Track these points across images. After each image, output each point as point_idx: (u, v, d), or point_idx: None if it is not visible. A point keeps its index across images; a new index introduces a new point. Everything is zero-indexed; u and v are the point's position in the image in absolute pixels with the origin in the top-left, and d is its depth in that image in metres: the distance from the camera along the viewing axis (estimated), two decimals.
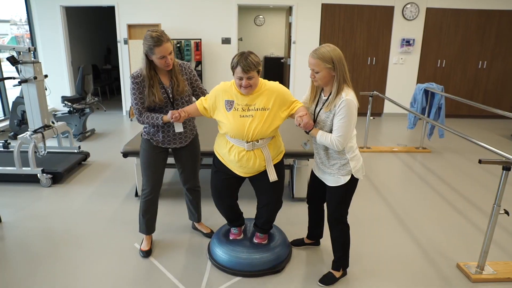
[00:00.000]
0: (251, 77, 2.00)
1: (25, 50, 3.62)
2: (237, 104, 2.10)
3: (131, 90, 2.26)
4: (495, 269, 2.41)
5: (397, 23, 6.85)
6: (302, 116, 2.00)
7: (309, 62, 1.99)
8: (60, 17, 6.61)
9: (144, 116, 2.29)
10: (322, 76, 1.96)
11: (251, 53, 2.02)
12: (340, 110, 1.93)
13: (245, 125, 2.07)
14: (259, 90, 2.10)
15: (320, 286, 2.25)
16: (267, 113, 2.08)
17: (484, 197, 3.63)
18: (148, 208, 2.50)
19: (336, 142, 1.96)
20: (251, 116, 2.08)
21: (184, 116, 2.21)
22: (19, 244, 2.65)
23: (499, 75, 7.14)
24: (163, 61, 2.18)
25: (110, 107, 7.79)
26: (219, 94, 2.15)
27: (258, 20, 11.28)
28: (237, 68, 1.99)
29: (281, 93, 2.13)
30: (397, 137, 5.78)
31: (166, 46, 2.14)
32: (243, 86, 2.02)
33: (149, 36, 2.13)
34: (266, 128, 2.09)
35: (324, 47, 1.95)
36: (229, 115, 2.10)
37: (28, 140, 3.66)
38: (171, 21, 6.72)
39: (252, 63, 1.97)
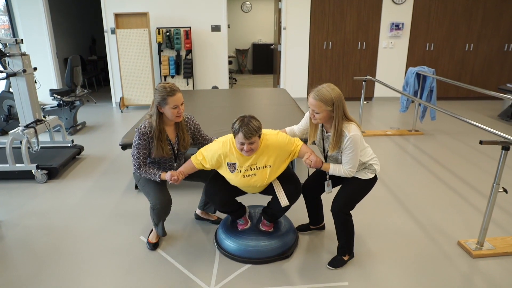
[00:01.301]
0: (252, 142, 2.04)
1: (12, 42, 3.50)
2: (240, 167, 2.18)
3: (136, 144, 2.26)
4: (494, 245, 2.50)
5: (386, 8, 6.86)
6: (309, 157, 2.11)
7: (309, 103, 2.04)
8: (42, 7, 6.38)
9: (143, 171, 2.31)
10: (322, 117, 2.04)
11: (252, 118, 2.05)
12: (347, 147, 2.02)
13: (249, 182, 2.21)
14: (260, 149, 2.15)
15: (330, 268, 2.30)
16: (269, 170, 2.18)
17: (478, 176, 3.73)
18: (163, 217, 2.43)
19: (348, 172, 2.10)
20: (254, 175, 2.19)
21: (182, 178, 2.28)
22: (21, 243, 2.61)
23: (485, 57, 7.26)
24: (176, 111, 2.21)
25: (98, 98, 7.63)
26: (221, 157, 2.19)
27: (245, 7, 11.14)
28: (239, 134, 2.02)
29: (281, 147, 2.17)
30: (389, 121, 5.85)
31: (179, 96, 2.21)
32: (245, 150, 2.07)
33: (162, 87, 2.19)
34: (270, 180, 2.23)
35: (325, 88, 2.00)
36: (232, 176, 2.21)
37: (20, 135, 3.57)
38: (160, 9, 6.57)
39: (253, 129, 2.00)
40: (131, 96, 6.55)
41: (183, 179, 2.33)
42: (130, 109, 6.76)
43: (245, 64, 11.73)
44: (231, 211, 2.43)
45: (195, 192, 3.35)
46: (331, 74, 7.21)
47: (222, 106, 4.30)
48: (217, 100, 4.68)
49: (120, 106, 6.55)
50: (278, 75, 7.52)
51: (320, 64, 7.15)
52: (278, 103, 4.44)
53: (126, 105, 6.63)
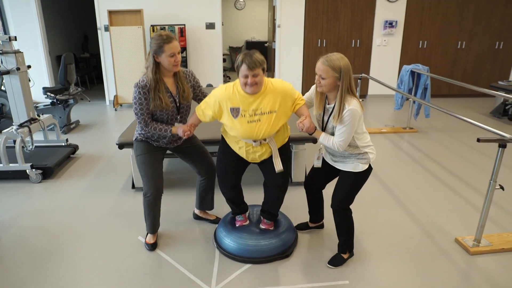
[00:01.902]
0: (256, 74, 1.98)
1: (6, 39, 3.44)
2: (244, 111, 2.08)
3: (137, 100, 2.19)
4: (491, 241, 2.54)
5: (380, 5, 6.89)
6: (303, 121, 2.05)
7: (317, 67, 2.01)
8: (34, 4, 6.28)
9: (151, 127, 2.24)
10: (327, 83, 2.00)
11: (256, 51, 2.02)
12: (344, 118, 1.99)
13: (253, 129, 2.10)
14: (264, 91, 2.09)
15: (330, 267, 2.31)
16: (274, 115, 2.10)
17: (473, 173, 3.78)
18: (152, 208, 2.43)
19: (338, 145, 2.06)
20: (259, 120, 2.09)
21: (193, 131, 2.24)
22: (17, 244, 2.57)
23: (477, 54, 7.35)
24: (173, 59, 2.15)
25: (91, 96, 7.55)
26: (223, 101, 2.10)
27: (238, 4, 11.09)
28: (242, 66, 1.97)
29: (286, 92, 2.12)
30: (384, 118, 5.89)
31: (175, 43, 2.15)
32: (249, 84, 2.00)
33: (158, 35, 2.14)
34: (274, 129, 2.13)
35: (335, 55, 1.98)
36: (236, 122, 2.10)
37: (14, 134, 3.51)
38: (154, 7, 6.51)
39: (257, 60, 1.97)
40: (125, 94, 6.49)
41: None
42: (124, 107, 6.70)
43: None
44: (237, 201, 2.45)
45: (193, 191, 3.34)
46: None
47: None
48: None
49: (114, 104, 6.49)
50: (272, 73, 7.52)
51: (314, 62, 7.06)
52: None
53: (120, 103, 6.56)
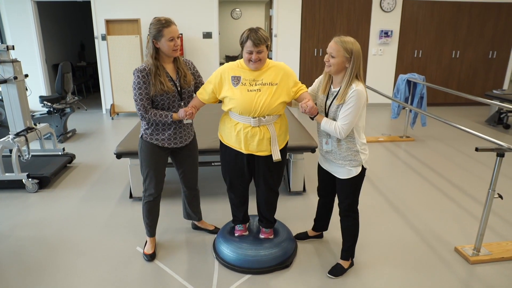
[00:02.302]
0: (260, 51, 2.01)
1: (3, 48, 3.43)
2: (244, 79, 2.10)
3: (136, 84, 2.16)
4: (490, 250, 2.54)
5: (376, 15, 6.98)
6: (306, 102, 2.02)
7: (329, 46, 2.00)
8: (31, 13, 6.28)
9: (151, 113, 2.20)
10: (336, 62, 1.98)
11: (260, 28, 2.04)
12: (349, 99, 1.97)
13: (252, 99, 2.06)
14: (266, 66, 2.12)
15: (330, 277, 2.29)
16: (275, 88, 2.09)
17: (470, 182, 3.80)
18: (152, 210, 2.45)
19: (340, 129, 2.01)
20: (259, 90, 2.08)
21: (195, 112, 2.21)
22: (14, 255, 2.53)
23: (471, 63, 7.45)
24: (172, 44, 2.15)
25: (88, 105, 7.53)
26: (225, 71, 2.14)
27: (235, 14, 11.18)
28: (247, 42, 1.99)
29: (288, 71, 2.16)
30: (380, 127, 5.92)
31: (174, 28, 2.17)
32: (253, 60, 2.03)
33: (157, 20, 2.15)
34: (274, 102, 2.08)
35: (348, 38, 1.98)
36: (236, 90, 2.09)
37: (11, 144, 3.48)
38: (151, 16, 6.49)
39: (262, 37, 1.99)
40: (121, 103, 6.48)
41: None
42: (121, 116, 6.68)
43: None
44: (241, 207, 2.45)
45: None
46: None
47: (213, 114, 4.27)
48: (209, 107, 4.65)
49: (111, 113, 6.47)
50: None
51: (311, 71, 7.21)
52: None
53: (117, 112, 6.55)
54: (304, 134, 3.47)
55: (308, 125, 4.99)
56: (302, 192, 3.46)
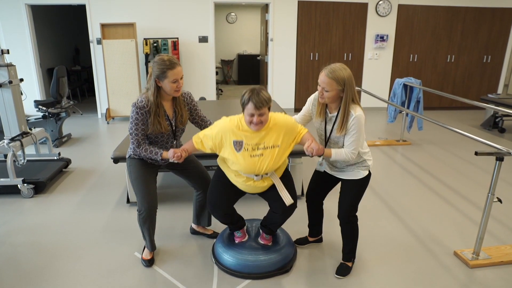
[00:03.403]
0: (262, 113, 1.98)
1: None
2: (247, 144, 2.07)
3: (133, 119, 2.16)
4: (489, 254, 2.54)
5: (371, 20, 7.03)
6: (310, 145, 2.01)
7: (321, 80, 2.00)
8: (25, 17, 6.24)
9: (143, 149, 2.21)
10: (331, 96, 2.00)
11: (262, 88, 2.01)
12: (352, 126, 1.99)
13: (256, 164, 2.08)
14: (267, 126, 2.09)
15: (338, 277, 2.31)
16: (277, 150, 2.09)
17: (468, 185, 3.81)
18: (148, 225, 2.36)
19: (351, 155, 2.06)
20: (261, 155, 2.08)
21: (185, 156, 2.16)
22: (9, 261, 2.48)
23: (466, 67, 7.52)
24: (175, 85, 2.14)
25: (83, 109, 7.47)
26: (226, 133, 2.09)
27: (230, 18, 11.20)
28: (249, 104, 1.96)
29: (289, 127, 2.12)
30: (377, 131, 5.94)
31: (179, 69, 2.14)
32: (254, 123, 2.00)
33: (161, 60, 2.11)
34: (277, 163, 2.11)
35: (337, 65, 1.98)
36: (238, 156, 2.08)
37: (6, 149, 3.44)
38: (147, 20, 6.53)
39: (264, 99, 1.96)
40: (117, 107, 6.44)
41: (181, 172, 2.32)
42: (116, 120, 6.64)
43: (230, 75, 11.75)
44: (231, 222, 2.38)
45: (190, 205, 3.29)
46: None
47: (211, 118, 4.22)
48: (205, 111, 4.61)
49: (106, 117, 6.43)
50: (265, 86, 7.56)
51: (307, 75, 7.23)
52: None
53: (112, 116, 6.50)
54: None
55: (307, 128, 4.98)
56: (300, 196, 3.45)
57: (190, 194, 3.48)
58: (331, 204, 2.77)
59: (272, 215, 2.28)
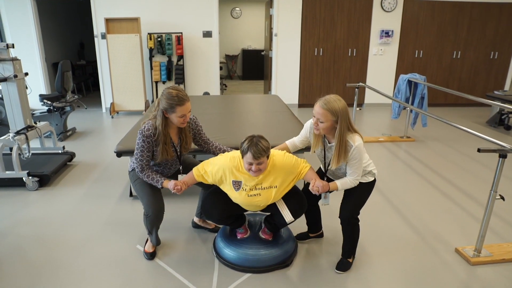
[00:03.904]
0: (260, 162, 2.02)
1: (3, 46, 3.42)
2: (245, 185, 2.15)
3: (139, 146, 2.20)
4: (491, 251, 2.53)
5: (376, 15, 6.97)
6: (315, 184, 2.08)
7: (316, 111, 2.02)
8: (31, 11, 6.27)
9: (145, 174, 2.26)
10: (325, 127, 2.03)
11: (261, 138, 2.03)
12: (353, 157, 2.03)
13: (252, 201, 2.18)
14: (267, 169, 2.13)
15: (339, 272, 2.32)
16: (275, 190, 2.16)
17: (471, 182, 3.79)
18: (155, 225, 2.41)
19: (355, 181, 2.13)
20: (259, 194, 2.17)
21: (185, 189, 2.21)
22: (14, 253, 2.52)
23: (472, 64, 7.44)
24: (182, 119, 2.18)
25: (88, 104, 7.52)
26: (226, 173, 2.15)
27: (234, 13, 11.17)
28: (248, 154, 2.00)
29: (288, 169, 2.15)
30: (381, 127, 5.92)
31: (188, 105, 2.17)
32: (253, 171, 2.05)
33: (170, 95, 2.13)
34: (274, 200, 2.20)
35: (333, 98, 2.01)
36: (236, 194, 2.18)
37: (11, 142, 3.47)
38: (151, 15, 6.53)
39: (262, 149, 1.98)
40: (121, 101, 6.47)
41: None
42: (121, 114, 6.67)
43: (235, 70, 11.74)
44: (230, 224, 2.41)
45: (192, 200, 3.31)
46: (322, 81, 7.27)
47: (214, 113, 4.26)
48: (209, 106, 4.64)
49: (111, 111, 6.46)
50: (269, 81, 7.55)
51: (311, 71, 7.20)
52: (272, 110, 4.44)
53: (117, 110, 6.54)
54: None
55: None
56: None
57: (192, 188, 3.49)
58: (333, 200, 2.77)
59: (278, 219, 2.31)
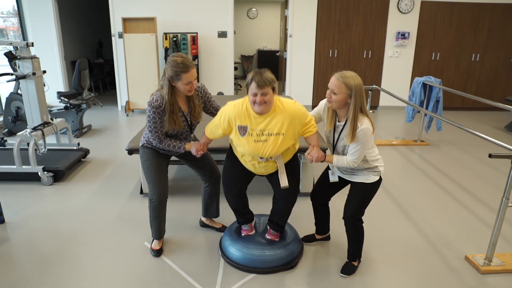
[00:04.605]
0: (265, 93, 1.99)
1: (23, 45, 3.53)
2: (251, 130, 2.10)
3: (151, 118, 2.22)
4: (503, 261, 2.47)
5: (392, 16, 6.88)
6: (310, 152, 2.09)
7: (331, 82, 2.02)
8: (52, 10, 6.45)
9: (165, 144, 2.29)
10: (338, 99, 2.00)
11: (267, 70, 2.03)
12: (357, 137, 2.01)
13: (259, 149, 2.12)
14: (274, 111, 2.08)
15: (344, 276, 2.31)
16: (281, 138, 2.10)
17: (485, 189, 3.70)
18: (157, 214, 2.44)
19: (352, 163, 2.09)
20: (265, 141, 2.10)
21: (205, 150, 2.31)
22: (26, 245, 2.61)
23: (492, 67, 7.25)
24: (189, 86, 2.18)
25: (104, 101, 7.67)
26: (232, 118, 2.13)
27: (251, 13, 11.20)
28: (252, 84, 1.99)
29: (297, 115, 2.11)
30: (394, 130, 5.84)
31: (193, 72, 2.16)
32: (257, 103, 2.01)
33: (175, 62, 2.13)
34: (280, 150, 2.14)
35: (349, 73, 2.00)
36: (243, 140, 2.12)
37: (28, 137, 3.58)
38: (167, 15, 6.62)
39: (267, 79, 1.98)
40: (136, 100, 6.58)
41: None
42: (136, 113, 6.79)
43: (250, 71, 11.78)
44: (242, 210, 2.44)
45: (200, 199, 3.34)
46: None
47: None
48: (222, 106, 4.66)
49: (126, 109, 6.58)
50: (283, 82, 7.54)
51: (326, 72, 7.16)
52: None
53: (132, 109, 6.65)
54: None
55: (320, 126, 4.96)
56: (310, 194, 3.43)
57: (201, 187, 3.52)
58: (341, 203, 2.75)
59: (275, 202, 2.35)
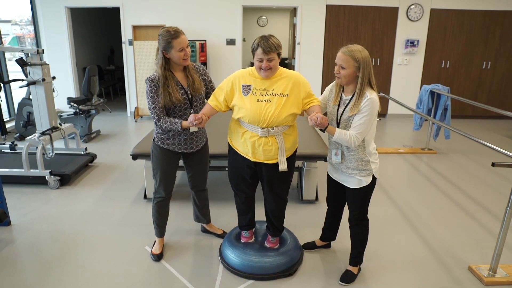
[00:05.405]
0: (271, 59, 2.00)
1: (34, 52, 3.62)
2: (255, 89, 2.09)
3: (148, 93, 2.24)
4: (508, 272, 2.41)
5: (402, 24, 6.85)
6: (315, 114, 1.94)
7: (338, 57, 2.00)
8: (65, 18, 6.61)
9: (163, 121, 2.26)
10: (347, 73, 1.97)
11: (272, 36, 2.03)
12: (363, 108, 1.95)
13: (261, 109, 2.06)
14: (279, 75, 2.10)
15: (343, 285, 2.28)
16: (285, 99, 2.07)
17: (492, 198, 3.63)
18: (160, 211, 2.51)
19: (355, 138, 1.99)
20: (268, 101, 2.06)
21: (206, 120, 2.13)
22: (30, 247, 2.65)
23: (503, 75, 7.14)
24: (182, 53, 2.18)
25: (114, 108, 7.79)
26: (236, 80, 2.14)
27: (261, 21, 11.28)
28: (258, 49, 1.99)
29: (301, 81, 2.12)
30: (402, 138, 5.78)
31: (183, 37, 2.18)
32: (263, 68, 2.02)
33: (165, 31, 2.17)
34: (283, 113, 2.06)
35: (355, 46, 1.97)
36: (245, 100, 2.09)
37: (36, 142, 3.66)
38: (176, 22, 6.70)
39: (273, 44, 1.98)
40: (145, 106, 6.66)
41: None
42: (144, 119, 6.87)
43: None
44: (247, 212, 2.45)
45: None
46: None
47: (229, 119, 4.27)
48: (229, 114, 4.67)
49: (135, 115, 6.67)
50: None
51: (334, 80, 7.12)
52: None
53: (141, 115, 6.74)
54: (318, 142, 3.44)
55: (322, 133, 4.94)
56: (314, 201, 3.43)
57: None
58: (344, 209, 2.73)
59: (266, 205, 2.37)
